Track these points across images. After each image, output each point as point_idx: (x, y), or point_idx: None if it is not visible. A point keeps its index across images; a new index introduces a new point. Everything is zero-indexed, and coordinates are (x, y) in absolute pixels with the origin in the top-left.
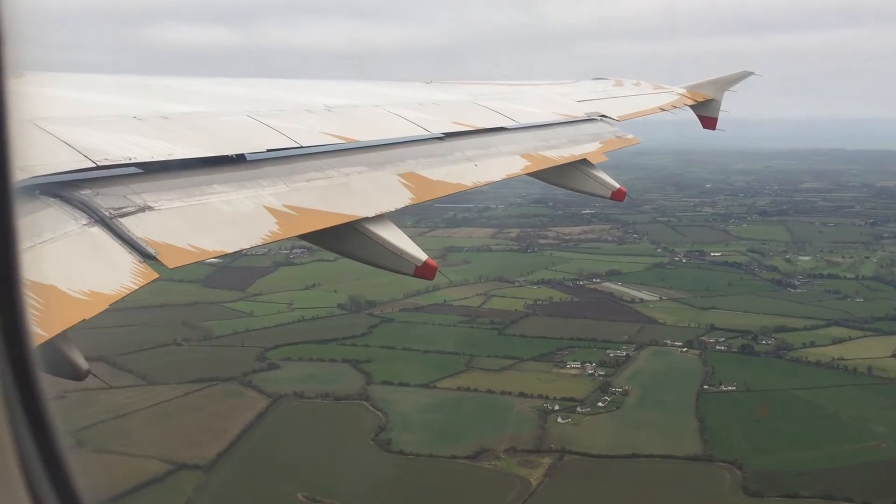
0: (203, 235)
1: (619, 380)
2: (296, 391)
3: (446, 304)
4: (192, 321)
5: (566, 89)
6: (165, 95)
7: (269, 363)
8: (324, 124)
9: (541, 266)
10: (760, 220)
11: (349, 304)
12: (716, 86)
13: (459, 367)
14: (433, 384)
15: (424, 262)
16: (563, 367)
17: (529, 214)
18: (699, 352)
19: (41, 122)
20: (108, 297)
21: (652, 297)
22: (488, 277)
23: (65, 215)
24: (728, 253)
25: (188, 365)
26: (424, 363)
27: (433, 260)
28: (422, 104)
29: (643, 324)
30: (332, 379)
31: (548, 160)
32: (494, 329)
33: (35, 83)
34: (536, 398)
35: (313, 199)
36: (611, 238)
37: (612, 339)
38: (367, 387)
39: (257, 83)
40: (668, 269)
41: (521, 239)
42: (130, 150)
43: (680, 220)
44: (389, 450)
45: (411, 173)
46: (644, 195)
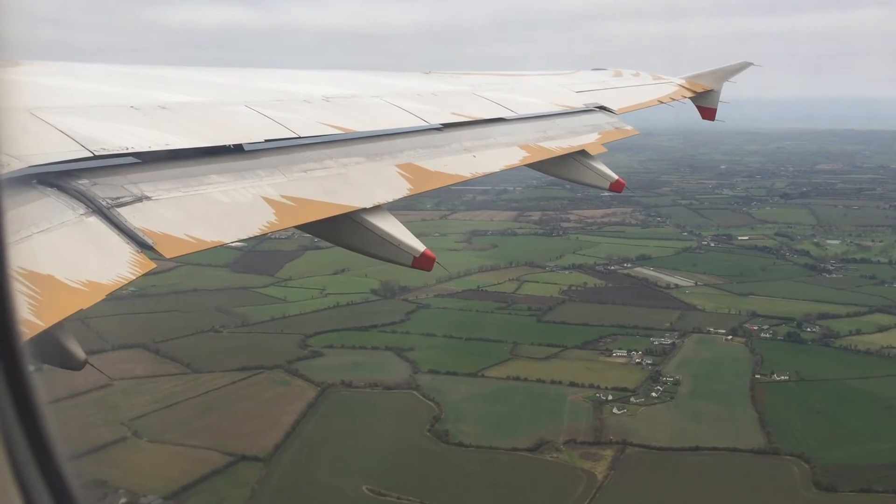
0: (200, 225)
1: (669, 369)
2: (343, 380)
3: (480, 290)
4: (226, 307)
5: (565, 80)
6: (163, 85)
7: (312, 350)
8: (322, 114)
9: (568, 250)
10: (783, 202)
11: (382, 290)
12: (715, 76)
13: (504, 355)
14: (481, 373)
15: (422, 253)
16: (609, 356)
17: (549, 197)
18: (744, 339)
19: (38, 111)
20: (106, 286)
21: (687, 282)
22: (518, 262)
23: (62, 205)
24: (756, 237)
25: (230, 352)
26: (468, 351)
27: (431, 251)
28: (420, 95)
29: (682, 310)
30: (378, 367)
31: (546, 151)
32: (532, 316)
33: (33, 73)
34: (588, 388)
35: (311, 189)
36: (634, 221)
37: (654, 326)
38: (414, 375)
39: (255, 73)
40: (697, 254)
41: (543, 222)
42: (128, 140)
43: (701, 202)
44: (448, 441)
45: (409, 164)
46: (660, 177)
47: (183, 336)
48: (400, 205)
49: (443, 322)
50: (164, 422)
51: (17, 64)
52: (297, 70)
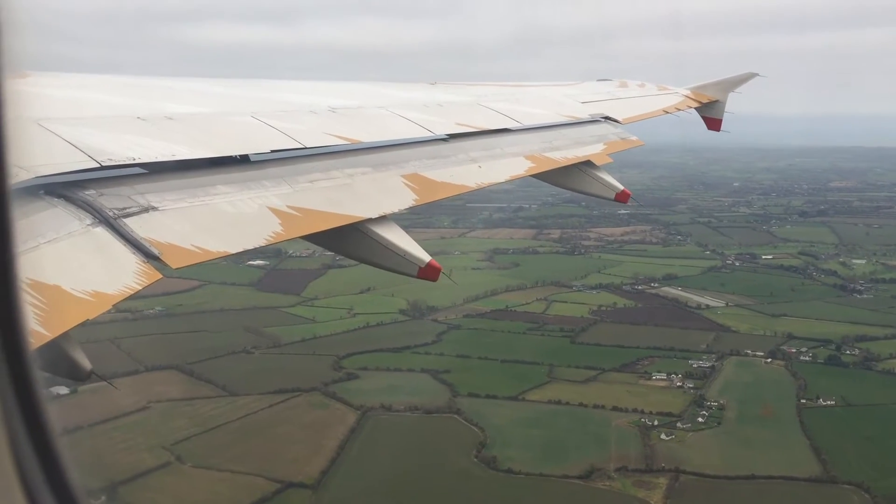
0: (207, 236)
1: (711, 393)
2: (383, 404)
3: (509, 310)
4: (255, 327)
5: (570, 90)
6: (170, 96)
7: (347, 372)
8: (328, 125)
9: (592, 269)
10: (801, 220)
11: (411, 310)
12: (720, 87)
13: (541, 377)
14: (521, 396)
15: (428, 264)
16: (649, 379)
17: (566, 214)
18: (784, 362)
19: (46, 122)
20: (112, 297)
21: (717, 303)
22: (544, 281)
23: (69, 215)
24: (779, 256)
25: (264, 374)
26: (504, 373)
27: (436, 261)
28: (426, 105)
29: (717, 332)
30: (416, 390)
31: (551, 162)
32: (566, 337)
33: (39, 84)
34: (631, 412)
35: (317, 199)
36: (654, 240)
37: (690, 348)
38: (453, 399)
39: (262, 84)
40: (724, 273)
41: (564, 241)
42: (134, 151)
43: (719, 220)
44: (497, 468)
45: (415, 174)
46: (674, 194)
47: (215, 357)
48: (419, 222)
49: (475, 343)
50: (207, 446)
51: (26, 75)
52: (303, 81)
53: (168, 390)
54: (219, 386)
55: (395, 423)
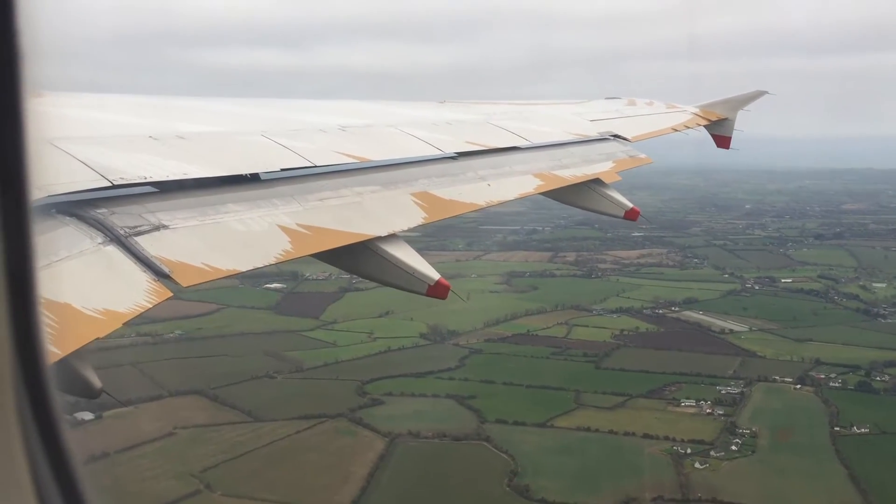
0: (217, 254)
1: (743, 420)
2: (410, 430)
3: (531, 335)
4: (276, 351)
5: (579, 109)
6: (181, 115)
7: (371, 398)
8: (338, 144)
9: (611, 293)
10: (818, 244)
11: (431, 334)
12: (729, 105)
13: (568, 404)
14: (549, 423)
15: (437, 282)
16: (678, 406)
17: (580, 237)
18: (813, 389)
19: (58, 141)
20: (123, 315)
21: (741, 327)
22: (564, 305)
23: (80, 234)
24: (799, 280)
25: (289, 399)
26: (530, 399)
27: (445, 279)
28: (435, 124)
29: (742, 357)
30: (443, 416)
31: (561, 180)
32: (590, 362)
33: (53, 103)
34: (663, 440)
35: (327, 218)
36: (671, 263)
37: (717, 373)
38: (481, 425)
39: (272, 103)
40: (744, 297)
41: (580, 263)
42: (146, 170)
43: (735, 243)
44: (531, 498)
45: (424, 192)
46: (687, 217)
47: (238, 382)
48: (433, 245)
49: (499, 368)
50: (236, 474)
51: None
52: (313, 100)
53: (193, 416)
54: (244, 411)
55: (423, 450)
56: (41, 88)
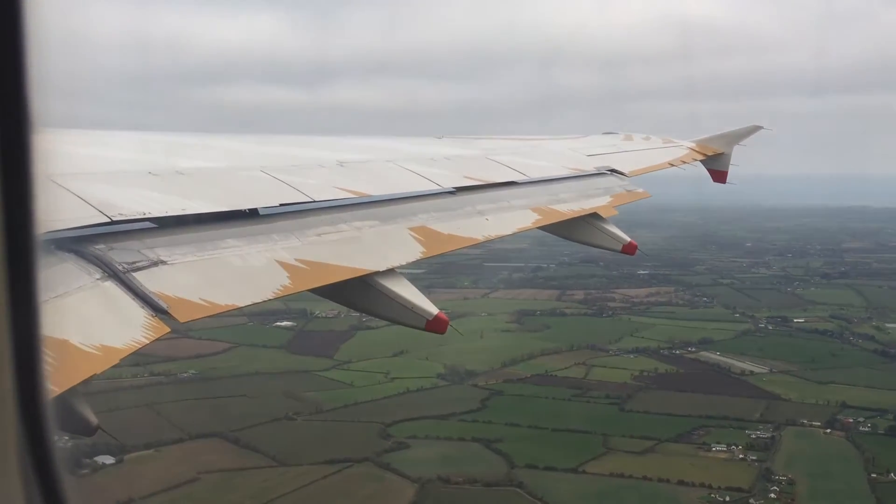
0: (215, 289)
1: (777, 466)
2: (440, 476)
3: (550, 375)
4: (293, 392)
5: (576, 144)
6: (181, 151)
7: (396, 441)
8: (336, 179)
9: (625, 332)
10: (825, 283)
11: (449, 375)
12: (725, 140)
13: (597, 448)
14: (581, 469)
15: (435, 316)
16: (709, 451)
17: (585, 275)
18: (843, 434)
19: (57, 177)
20: (120, 351)
21: (760, 368)
22: (579, 345)
23: (79, 269)
24: (811, 319)
25: (311, 443)
26: (558, 443)
27: (444, 314)
28: (433, 159)
29: (767, 400)
30: (470, 461)
31: (558, 214)
32: (613, 404)
33: (53, 140)
34: (699, 487)
35: (325, 253)
36: (681, 301)
37: (743, 417)
38: (511, 471)
39: (271, 139)
40: (759, 338)
41: (589, 302)
42: (145, 205)
43: (742, 282)
44: None
45: (423, 227)
46: (690, 255)
47: (258, 424)
48: (439, 283)
49: (522, 411)
50: None
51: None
52: (312, 136)
53: (216, 460)
54: (268, 455)
55: (455, 497)
56: (44, 125)
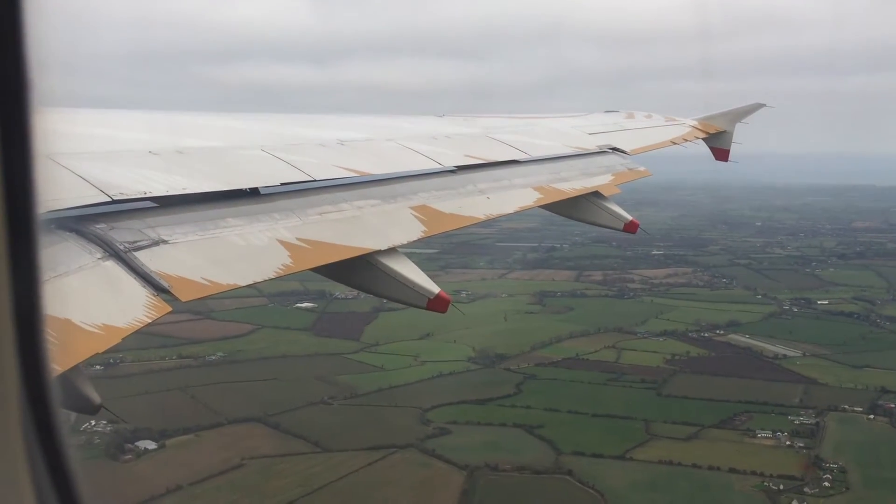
0: (216, 269)
1: (825, 453)
2: (487, 463)
3: (581, 359)
4: (325, 376)
5: (578, 122)
6: (181, 130)
7: (437, 427)
8: (337, 158)
9: (650, 315)
10: (842, 263)
11: (479, 358)
12: (728, 118)
13: (639, 434)
14: (628, 456)
15: (437, 295)
16: (754, 437)
17: (600, 255)
18: (888, 419)
19: (58, 157)
20: (122, 330)
21: (793, 352)
22: (607, 328)
23: (80, 249)
24: (834, 301)
25: (351, 428)
26: (600, 429)
27: (445, 293)
28: (434, 138)
29: (804, 384)
30: (515, 447)
31: (560, 193)
32: (649, 389)
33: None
34: (750, 475)
35: (326, 232)
36: (700, 283)
37: (783, 402)
38: (558, 458)
39: (272, 118)
40: (786, 320)
41: (608, 283)
42: (146, 185)
43: (759, 262)
44: None
45: (424, 206)
46: (702, 234)
47: (295, 409)
48: (455, 263)
49: (559, 395)
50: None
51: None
52: (313, 115)
53: (257, 445)
54: (310, 441)
55: (505, 484)
56: (46, 104)
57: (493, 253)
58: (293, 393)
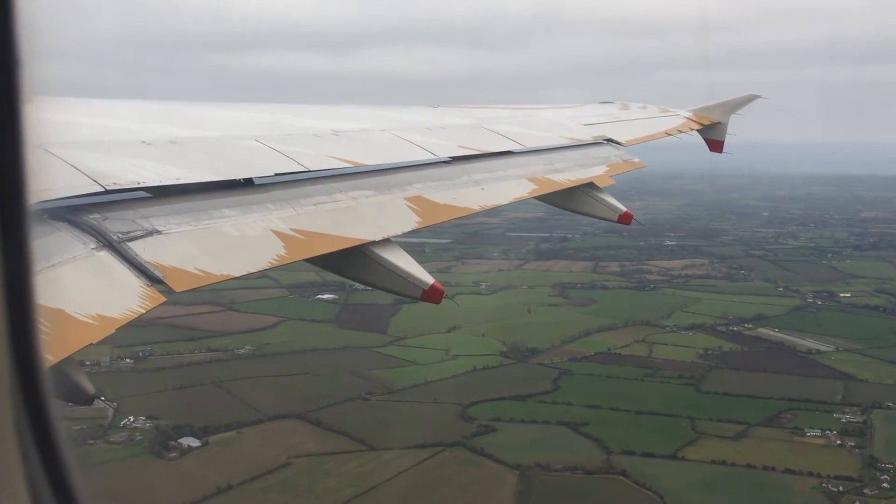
0: (210, 259)
1: (878, 452)
2: (539, 462)
3: (613, 354)
4: (359, 370)
5: (573, 113)
6: (175, 120)
7: (480, 424)
8: (332, 149)
9: (674, 307)
10: (858, 255)
11: (511, 352)
12: (722, 109)
13: (687, 432)
14: (679, 455)
15: (431, 286)
16: (804, 436)
17: (614, 246)
18: None
19: (51, 146)
20: (116, 320)
21: (825, 347)
22: (634, 321)
23: (73, 239)
24: (857, 294)
25: (393, 424)
26: (645, 427)
27: (440, 283)
28: (429, 128)
29: (843, 381)
30: (562, 446)
31: (554, 184)
32: (687, 385)
33: (47, 108)
34: (807, 475)
35: (320, 222)
36: (718, 274)
37: (825, 399)
38: (609, 457)
39: (266, 108)
40: (812, 313)
41: (626, 274)
42: (139, 175)
43: (774, 254)
44: None
45: (418, 197)
46: (711, 224)
47: (333, 404)
48: (469, 253)
49: (598, 391)
50: None
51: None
52: (309, 105)
53: (301, 442)
54: (354, 439)
55: (559, 485)
56: (38, 92)
57: (506, 243)
58: (328, 388)
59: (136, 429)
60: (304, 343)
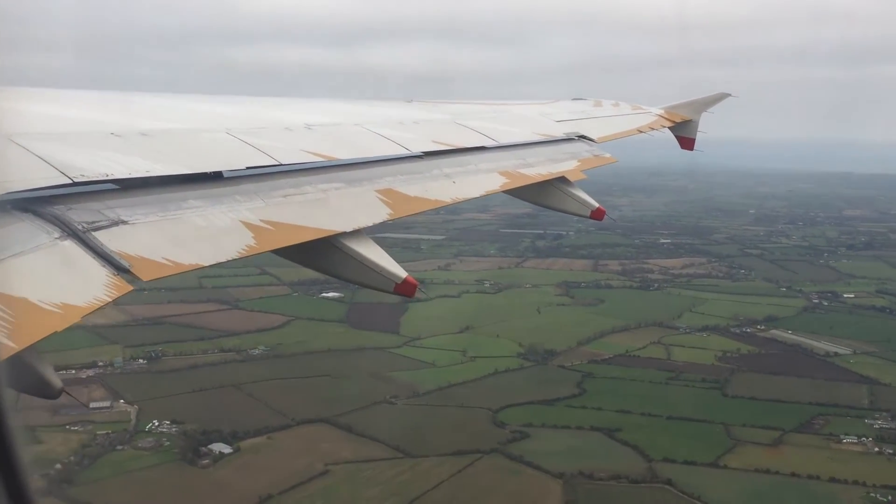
0: (178, 249)
1: None
2: (582, 471)
3: (631, 356)
4: (379, 372)
5: (546, 109)
6: (146, 112)
7: (514, 430)
8: (304, 142)
9: (682, 308)
10: (853, 254)
11: (529, 354)
12: (693, 107)
13: (723, 439)
14: (721, 463)
15: (404, 280)
16: (840, 443)
17: (609, 244)
18: None
19: (17, 137)
20: (81, 309)
21: (842, 349)
22: (646, 322)
23: (36, 229)
24: (860, 295)
25: (426, 430)
26: (680, 433)
27: (413, 277)
28: (402, 123)
29: (867, 385)
30: (600, 453)
31: (526, 178)
32: (712, 389)
33: (14, 98)
34: (852, 484)
35: (290, 214)
36: (719, 274)
37: (853, 404)
38: (650, 465)
39: (238, 101)
40: (821, 315)
41: (627, 273)
42: (107, 167)
43: (771, 252)
44: None
45: (389, 189)
46: (700, 222)
47: (360, 408)
48: (466, 250)
49: (625, 396)
50: None
51: None
52: (282, 98)
53: (334, 449)
54: (389, 446)
55: (606, 494)
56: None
57: (501, 240)
58: (350, 391)
59: (163, 433)
60: (318, 344)
